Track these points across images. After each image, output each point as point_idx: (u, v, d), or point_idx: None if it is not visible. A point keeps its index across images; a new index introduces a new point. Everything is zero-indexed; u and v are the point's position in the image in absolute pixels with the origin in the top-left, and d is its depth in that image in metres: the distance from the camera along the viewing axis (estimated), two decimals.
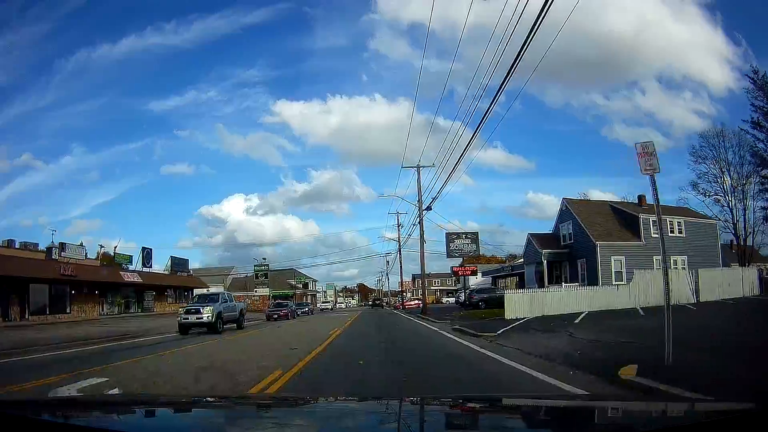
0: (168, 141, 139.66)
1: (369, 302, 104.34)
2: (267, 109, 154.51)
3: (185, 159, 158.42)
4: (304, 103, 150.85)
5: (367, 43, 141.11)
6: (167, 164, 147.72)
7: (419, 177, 32.85)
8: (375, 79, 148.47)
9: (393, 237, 60.76)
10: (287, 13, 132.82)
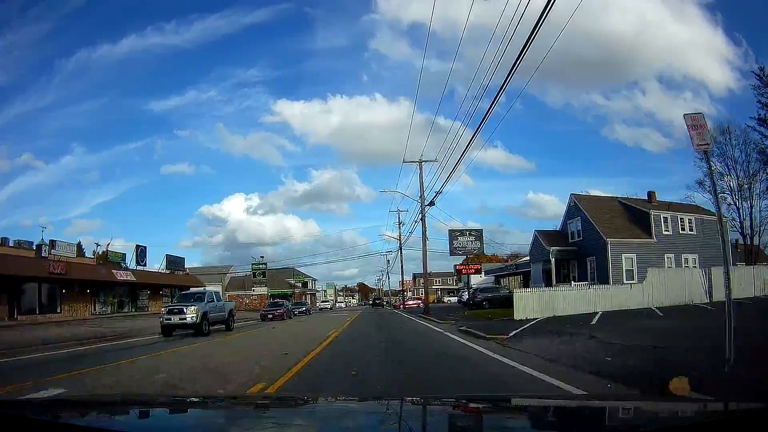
0: (168, 141, 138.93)
1: (369, 302, 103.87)
2: (267, 109, 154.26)
3: (185, 159, 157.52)
4: (305, 103, 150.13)
5: (368, 43, 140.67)
6: (167, 164, 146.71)
7: (421, 172, 31.72)
8: (375, 79, 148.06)
9: (393, 236, 59.57)
10: (288, 13, 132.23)
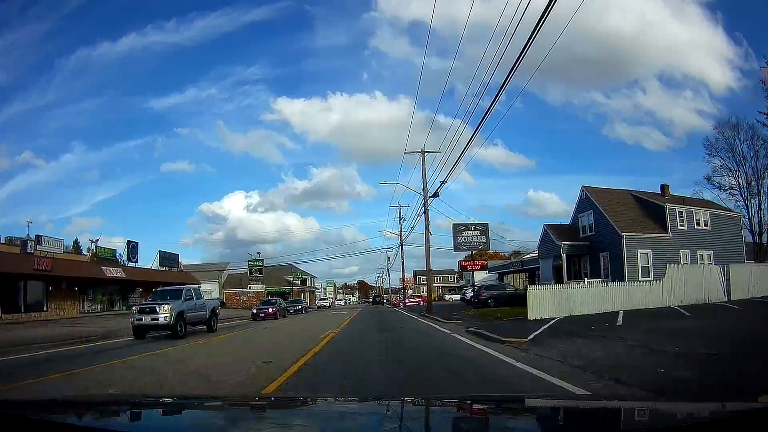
0: (168, 139, 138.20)
1: (369, 299, 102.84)
2: (267, 107, 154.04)
3: (186, 157, 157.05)
4: (305, 101, 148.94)
5: (368, 41, 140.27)
6: (168, 162, 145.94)
7: (424, 163, 30.08)
8: (375, 77, 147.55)
9: (394, 233, 57.93)
10: (288, 11, 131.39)
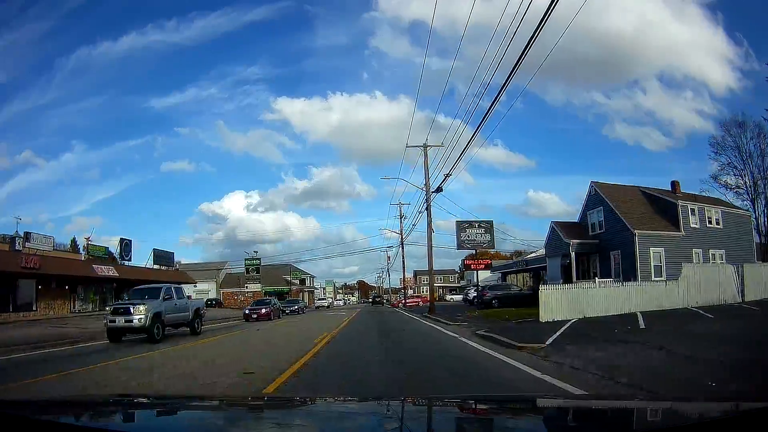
0: (169, 138, 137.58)
1: (369, 299, 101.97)
2: (267, 107, 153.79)
3: (186, 156, 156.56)
4: (305, 101, 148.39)
5: (368, 41, 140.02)
6: (168, 161, 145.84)
7: (426, 157, 28.88)
8: (375, 77, 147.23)
9: (395, 232, 56.73)
10: (288, 11, 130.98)
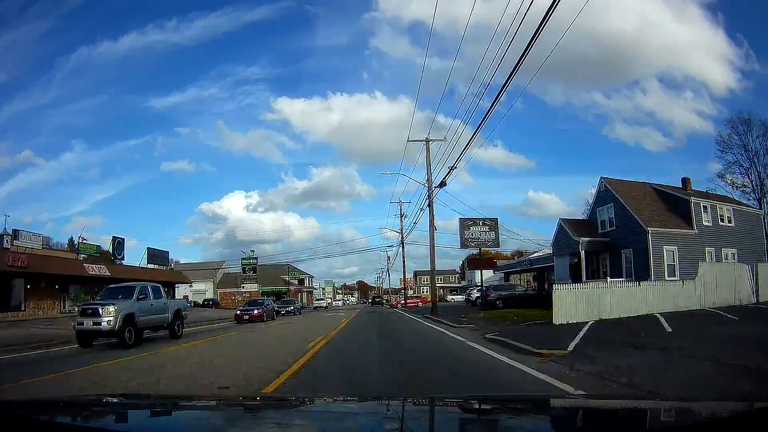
0: (169, 138, 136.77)
1: (368, 300, 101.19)
2: (268, 107, 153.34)
3: (186, 156, 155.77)
4: (305, 101, 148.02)
5: (368, 41, 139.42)
6: (168, 161, 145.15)
7: (428, 152, 27.76)
8: (375, 77, 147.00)
9: (395, 231, 55.55)
10: (288, 11, 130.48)
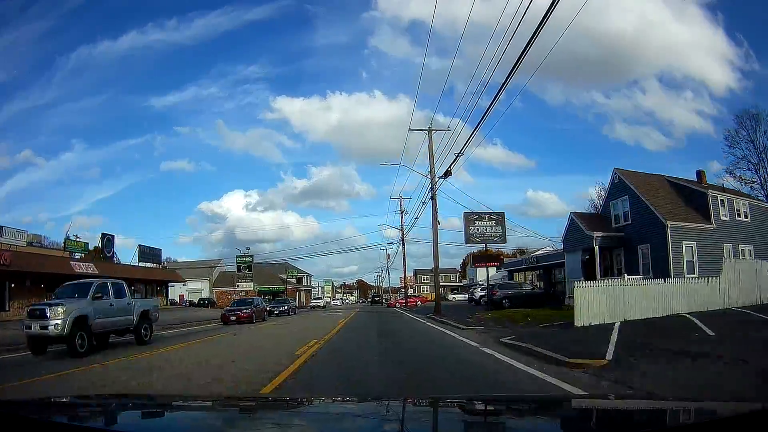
0: (168, 137, 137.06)
1: (368, 299, 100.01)
2: (267, 106, 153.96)
3: (185, 155, 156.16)
4: (304, 100, 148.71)
5: (367, 41, 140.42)
6: (168, 161, 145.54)
7: (431, 143, 26.31)
8: (375, 77, 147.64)
9: (395, 227, 54.10)
10: (288, 10, 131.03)
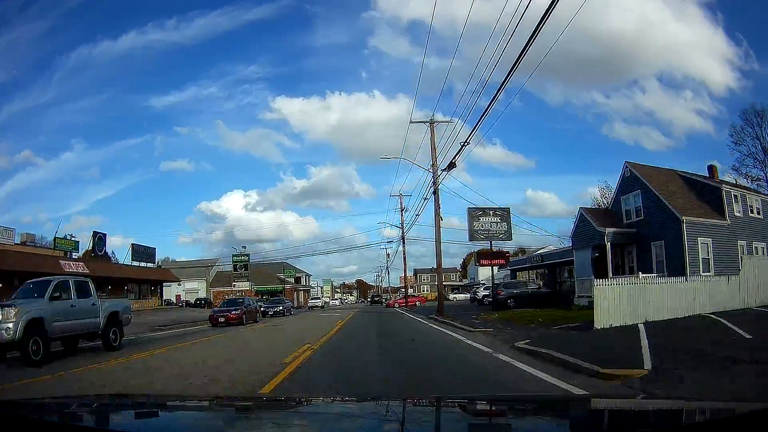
0: (168, 137, 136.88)
1: (368, 299, 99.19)
2: (267, 106, 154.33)
3: (185, 155, 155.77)
4: (304, 100, 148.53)
5: (367, 41, 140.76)
6: (167, 160, 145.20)
7: (433, 135, 25.15)
8: (374, 76, 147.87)
9: (395, 225, 53.03)
10: (288, 11, 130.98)
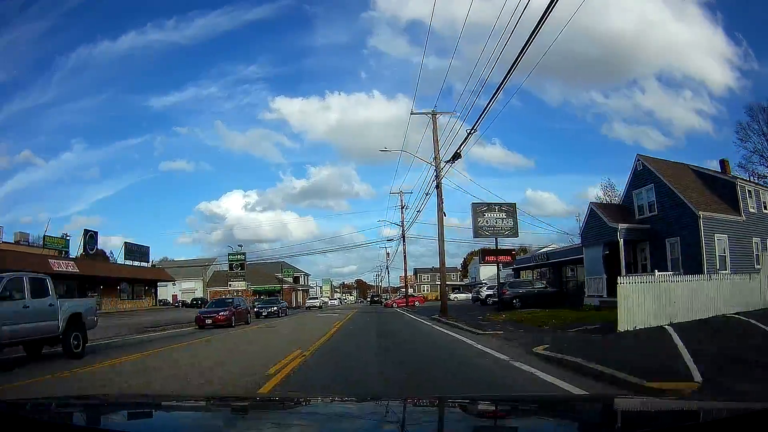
0: (168, 137, 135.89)
1: (367, 299, 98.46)
2: (266, 106, 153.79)
3: (185, 155, 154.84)
4: (303, 100, 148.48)
5: (366, 41, 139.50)
6: (167, 161, 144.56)
7: (435, 127, 24.10)
8: (374, 76, 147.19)
9: (396, 223, 51.98)
10: (287, 11, 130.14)
